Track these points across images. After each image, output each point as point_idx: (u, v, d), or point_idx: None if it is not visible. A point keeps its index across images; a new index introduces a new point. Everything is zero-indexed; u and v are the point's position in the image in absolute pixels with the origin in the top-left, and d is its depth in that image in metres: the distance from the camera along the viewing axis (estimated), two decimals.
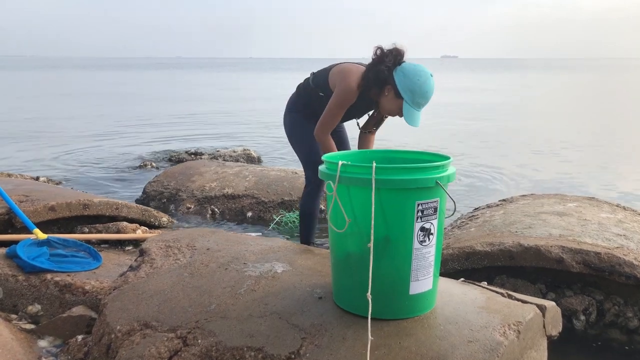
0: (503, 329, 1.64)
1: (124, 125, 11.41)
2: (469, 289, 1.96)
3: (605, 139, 10.11)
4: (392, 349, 1.57)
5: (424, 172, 1.64)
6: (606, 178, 6.64)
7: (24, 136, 9.65)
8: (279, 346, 1.63)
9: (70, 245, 2.96)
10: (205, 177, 5.13)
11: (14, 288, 2.57)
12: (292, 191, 4.76)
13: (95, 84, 30.46)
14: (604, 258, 2.58)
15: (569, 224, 3.08)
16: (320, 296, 1.86)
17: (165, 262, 2.24)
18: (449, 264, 2.84)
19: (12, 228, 3.27)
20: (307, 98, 2.97)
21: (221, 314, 1.81)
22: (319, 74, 2.92)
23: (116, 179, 6.38)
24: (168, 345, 1.73)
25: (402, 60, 2.57)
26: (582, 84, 31.91)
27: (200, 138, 9.69)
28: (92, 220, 3.64)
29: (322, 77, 2.86)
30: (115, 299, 2.01)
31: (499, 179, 6.54)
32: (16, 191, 3.58)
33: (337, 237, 1.76)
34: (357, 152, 2.08)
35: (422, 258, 1.69)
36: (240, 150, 7.76)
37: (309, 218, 3.09)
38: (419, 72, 2.51)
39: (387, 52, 2.56)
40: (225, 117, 13.50)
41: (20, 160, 7.50)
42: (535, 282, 2.78)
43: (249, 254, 2.26)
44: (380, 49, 2.58)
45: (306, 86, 2.97)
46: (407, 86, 2.50)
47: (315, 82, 2.90)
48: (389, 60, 2.54)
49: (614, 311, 2.64)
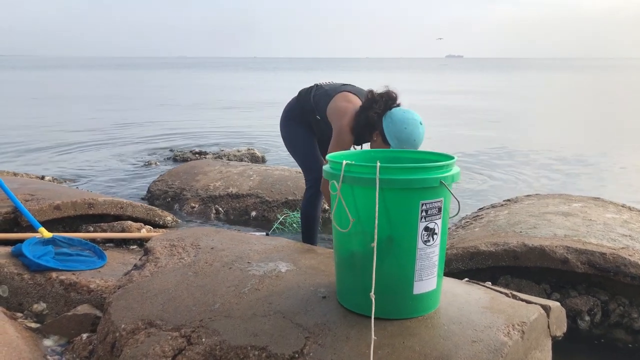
0: (507, 329, 1.64)
1: (128, 124, 11.44)
2: (473, 289, 1.96)
3: (612, 138, 10.07)
4: (395, 348, 1.57)
5: (428, 172, 1.64)
6: (612, 178, 6.61)
7: (31, 135, 9.70)
8: (283, 345, 1.63)
9: (75, 244, 2.98)
10: (209, 177, 5.15)
11: (20, 286, 2.58)
12: (296, 191, 4.76)
13: (100, 83, 30.55)
14: (609, 258, 2.57)
15: (574, 224, 3.06)
16: (324, 295, 1.86)
17: (169, 261, 2.25)
18: (453, 263, 2.83)
19: (18, 227, 3.29)
20: (305, 109, 2.96)
21: (225, 313, 1.81)
22: (321, 95, 2.86)
23: (121, 178, 6.41)
24: (172, 344, 1.73)
25: (394, 104, 2.54)
26: (589, 84, 31.75)
27: (205, 137, 9.71)
28: (97, 220, 3.66)
29: (323, 101, 2.83)
30: (120, 297, 2.02)
31: (505, 179, 6.52)
32: (22, 190, 3.60)
33: (341, 236, 1.76)
34: (361, 151, 2.08)
35: (426, 258, 1.69)
36: (245, 150, 7.77)
37: (311, 221, 3.08)
38: (407, 120, 2.46)
39: (378, 97, 2.53)
40: (230, 116, 13.52)
41: (26, 159, 7.54)
42: (539, 282, 2.77)
43: (253, 253, 2.27)
44: (372, 93, 2.56)
45: (307, 99, 2.94)
46: (394, 134, 2.47)
47: (316, 101, 2.87)
48: (378, 107, 2.51)
49: (619, 312, 2.63)
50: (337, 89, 2.85)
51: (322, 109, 2.82)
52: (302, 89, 3.04)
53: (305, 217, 3.09)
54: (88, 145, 8.69)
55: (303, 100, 2.98)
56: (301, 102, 2.99)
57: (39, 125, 11.22)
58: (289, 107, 3.08)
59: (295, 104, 3.03)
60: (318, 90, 2.92)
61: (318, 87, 2.95)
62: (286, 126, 3.07)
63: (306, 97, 2.95)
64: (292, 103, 3.07)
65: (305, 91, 3.00)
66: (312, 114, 2.89)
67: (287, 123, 3.06)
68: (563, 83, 32.43)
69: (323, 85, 2.96)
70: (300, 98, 3.00)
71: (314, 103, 2.88)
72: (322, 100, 2.84)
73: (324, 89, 2.90)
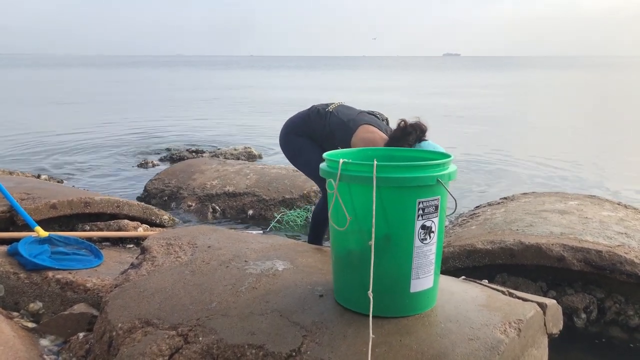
0: (504, 326, 1.64)
1: (125, 123, 11.41)
2: (469, 287, 1.96)
3: (609, 136, 10.10)
4: (392, 346, 1.57)
5: (425, 170, 1.64)
6: (608, 176, 6.63)
7: (27, 134, 9.66)
8: (280, 344, 1.63)
9: (71, 243, 2.97)
10: (206, 175, 5.14)
11: (16, 286, 2.58)
12: (293, 189, 4.76)
13: (97, 82, 30.46)
14: (605, 256, 2.58)
15: (570, 222, 3.07)
16: (321, 294, 1.86)
17: (166, 259, 2.24)
18: (450, 262, 2.84)
19: (14, 226, 3.28)
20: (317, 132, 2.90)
21: (222, 311, 1.81)
22: (339, 125, 2.81)
23: (117, 177, 6.39)
24: (169, 342, 1.73)
25: (423, 137, 2.51)
26: (585, 82, 31.84)
27: (202, 136, 9.69)
28: (94, 218, 3.65)
29: (343, 132, 2.77)
30: (117, 296, 2.01)
31: (501, 177, 6.53)
32: (18, 189, 3.59)
33: (338, 235, 1.76)
34: (358, 150, 2.08)
35: (423, 256, 1.69)
36: (241, 148, 7.77)
37: (321, 225, 3.04)
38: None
39: (411, 128, 2.49)
40: (226, 114, 13.50)
41: (22, 157, 7.51)
42: (536, 280, 2.78)
43: (250, 252, 2.26)
44: (405, 123, 2.52)
45: (320, 125, 2.88)
46: None
47: (332, 131, 2.82)
48: (412, 139, 2.47)
49: (615, 309, 2.64)
50: (355, 119, 2.81)
51: (341, 140, 2.78)
52: (312, 111, 2.95)
53: (315, 221, 3.07)
54: (85, 144, 8.67)
55: (314, 124, 2.91)
56: (311, 125, 2.93)
57: (36, 125, 11.18)
58: (293, 123, 3.01)
59: (303, 124, 2.96)
60: (333, 117, 2.87)
61: (332, 114, 2.88)
62: (290, 141, 3.00)
63: (319, 124, 2.89)
64: (296, 121, 3.00)
65: (316, 116, 2.92)
66: (328, 142, 2.82)
67: (291, 138, 3.00)
68: (562, 81, 32.50)
69: (335, 111, 2.89)
70: (311, 121, 2.93)
71: (331, 132, 2.84)
72: (340, 131, 2.80)
73: (339, 118, 2.85)
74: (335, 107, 2.92)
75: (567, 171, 6.86)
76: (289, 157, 3.05)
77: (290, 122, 3.03)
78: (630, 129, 11.20)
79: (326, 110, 2.90)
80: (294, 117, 3.03)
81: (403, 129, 2.49)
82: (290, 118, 3.05)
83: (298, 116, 3.02)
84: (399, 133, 2.51)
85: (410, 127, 2.49)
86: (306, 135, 2.94)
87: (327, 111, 2.90)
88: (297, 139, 2.97)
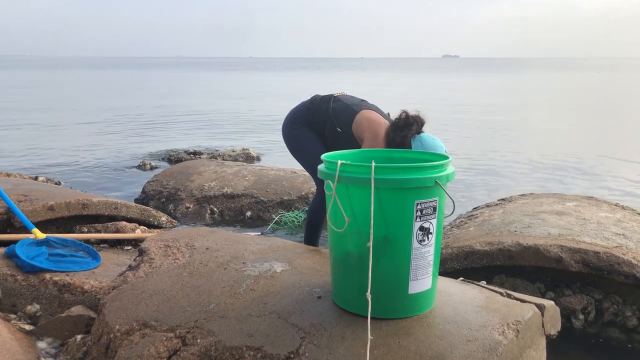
0: (502, 328, 1.64)
1: (122, 125, 11.40)
2: (468, 288, 1.96)
3: (608, 137, 10.12)
4: (391, 348, 1.57)
5: (423, 172, 1.64)
6: (606, 177, 6.64)
7: (24, 136, 9.64)
8: (278, 345, 1.63)
9: (69, 245, 2.96)
10: (204, 177, 5.13)
11: (13, 288, 2.57)
12: (291, 190, 4.76)
13: (95, 83, 30.41)
14: (602, 257, 2.58)
15: (568, 223, 3.08)
16: (319, 296, 1.86)
17: (164, 261, 2.24)
18: (448, 263, 2.84)
19: (11, 227, 3.27)
20: (318, 119, 2.92)
21: (220, 313, 1.81)
22: (342, 109, 2.86)
23: (115, 179, 6.38)
24: (167, 344, 1.73)
25: (422, 131, 2.63)
26: (585, 83, 31.90)
27: (200, 137, 9.68)
28: (91, 220, 3.65)
29: (346, 115, 2.83)
30: (114, 298, 2.01)
31: (499, 178, 6.54)
32: (15, 191, 3.58)
33: (336, 236, 1.76)
34: (356, 151, 2.08)
35: (421, 257, 1.69)
36: (240, 150, 7.76)
37: (318, 222, 3.04)
38: (436, 147, 2.56)
39: (412, 120, 2.60)
40: (224, 116, 13.50)
41: (19, 159, 7.50)
42: (534, 281, 2.79)
43: (248, 254, 2.26)
44: (406, 114, 2.62)
45: (323, 110, 2.91)
46: None
47: (336, 114, 2.86)
48: (414, 129, 2.58)
49: (613, 310, 2.65)
50: (358, 104, 2.87)
51: (344, 122, 2.82)
52: (315, 98, 2.98)
53: (311, 219, 3.06)
54: (82, 146, 8.64)
55: (317, 110, 2.93)
56: (314, 111, 2.95)
57: (33, 125, 11.16)
58: (296, 112, 3.03)
59: (305, 111, 2.98)
60: (336, 102, 2.89)
61: (335, 99, 2.92)
62: (292, 129, 3.00)
63: (322, 108, 2.91)
64: (300, 109, 3.02)
65: (319, 101, 2.95)
66: (330, 125, 2.86)
67: (293, 127, 3.00)
68: (561, 83, 32.56)
69: (340, 97, 2.93)
70: (314, 107, 2.95)
71: (334, 116, 2.86)
72: (343, 114, 2.83)
73: (343, 102, 2.88)
74: (339, 94, 2.98)
75: (565, 172, 6.87)
76: (290, 147, 3.08)
77: (293, 112, 3.06)
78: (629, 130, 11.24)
79: (330, 95, 2.97)
80: (297, 106, 3.06)
81: (406, 119, 2.61)
82: (293, 108, 3.08)
83: (301, 104, 3.05)
84: (402, 122, 2.61)
85: (412, 118, 2.60)
86: (308, 123, 2.97)
87: (331, 95, 2.96)
88: (299, 128, 2.99)
